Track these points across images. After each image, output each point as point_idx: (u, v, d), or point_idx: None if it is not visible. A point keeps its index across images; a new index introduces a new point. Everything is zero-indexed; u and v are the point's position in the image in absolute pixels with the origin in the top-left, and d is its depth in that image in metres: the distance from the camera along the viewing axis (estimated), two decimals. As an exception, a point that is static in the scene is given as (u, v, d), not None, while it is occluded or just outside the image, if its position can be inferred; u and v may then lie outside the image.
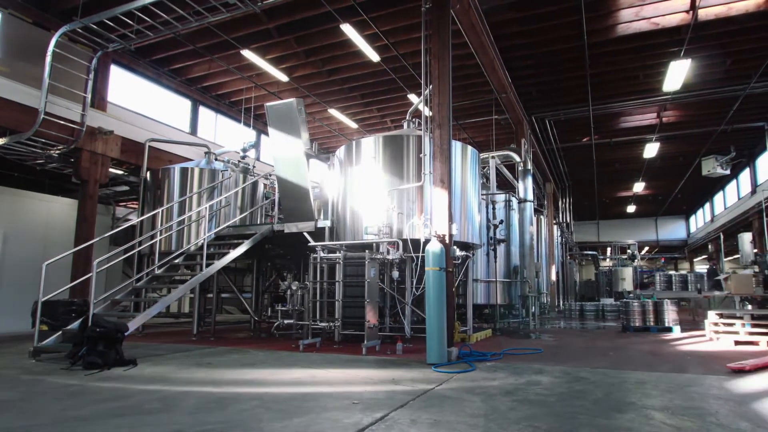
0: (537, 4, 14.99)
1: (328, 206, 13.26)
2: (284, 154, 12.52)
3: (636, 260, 37.25)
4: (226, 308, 24.94)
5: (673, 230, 47.78)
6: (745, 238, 25.14)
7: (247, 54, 17.77)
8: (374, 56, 17.47)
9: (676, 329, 15.09)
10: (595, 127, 23.77)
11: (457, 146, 12.55)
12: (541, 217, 23.95)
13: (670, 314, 15.52)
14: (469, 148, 13.29)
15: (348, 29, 15.69)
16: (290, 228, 13.03)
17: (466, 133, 25.15)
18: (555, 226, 28.58)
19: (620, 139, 25.66)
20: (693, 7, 14.72)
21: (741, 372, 7.93)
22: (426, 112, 10.96)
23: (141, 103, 19.49)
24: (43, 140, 13.39)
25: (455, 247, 10.53)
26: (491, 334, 14.40)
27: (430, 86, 10.73)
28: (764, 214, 24.50)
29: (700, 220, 43.66)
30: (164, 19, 12.55)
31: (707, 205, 40.55)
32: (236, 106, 23.32)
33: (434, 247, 9.09)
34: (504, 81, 17.35)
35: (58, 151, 13.99)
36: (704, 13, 15.01)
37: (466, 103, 21.42)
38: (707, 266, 21.67)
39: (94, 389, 6.54)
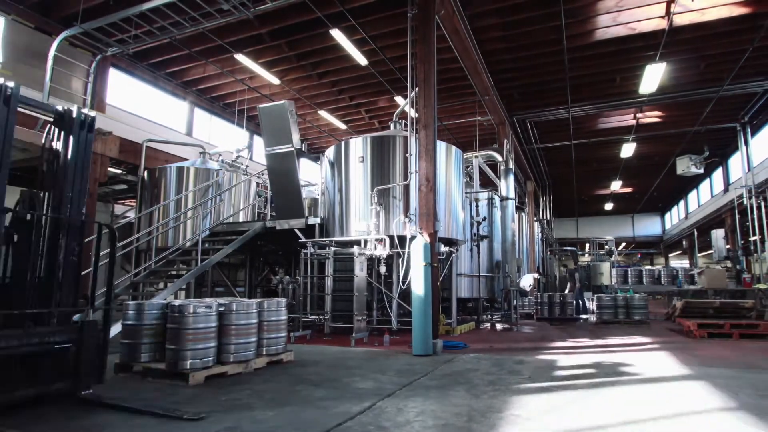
0: (518, 10, 15.03)
1: (318, 204, 13.30)
2: (276, 154, 12.54)
3: (613, 256, 37.41)
4: (221, 302, 24.87)
5: (648, 227, 48.12)
6: (718, 235, 25.34)
7: (241, 58, 17.75)
8: (362, 60, 17.49)
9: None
10: (574, 128, 23.91)
11: (441, 146, 12.63)
12: (523, 214, 24.06)
13: (643, 308, 15.70)
14: (454, 148, 13.36)
15: (337, 34, 15.70)
16: (282, 225, 13.07)
17: (451, 134, 25.21)
18: (536, 223, 28.70)
19: (598, 139, 25.79)
20: (668, 13, 14.80)
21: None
22: (412, 113, 11.02)
23: (139, 105, 19.45)
24: (44, 141, 13.34)
25: (440, 243, 10.61)
26: (475, 326, 14.50)
27: (416, 89, 10.80)
28: (736, 212, 24.73)
29: (674, 217, 43.97)
30: (161, 24, 12.57)
31: (682, 203, 40.87)
32: (230, 108, 23.28)
33: (420, 243, 9.16)
34: (487, 83, 17.40)
35: (58, 151, 13.94)
36: (679, 19, 15.12)
37: (451, 105, 21.48)
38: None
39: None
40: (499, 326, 14.94)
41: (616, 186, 35.53)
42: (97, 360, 5.58)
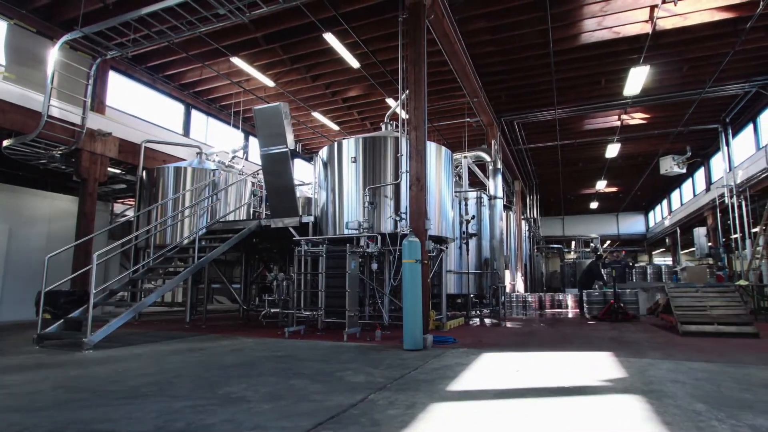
0: (506, 14, 15.09)
1: (312, 203, 13.31)
2: (271, 154, 12.55)
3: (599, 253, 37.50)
4: (217, 298, 24.85)
5: (633, 225, 48.29)
6: (700, 233, 25.47)
7: (237, 61, 17.74)
8: (355, 63, 17.51)
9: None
10: (561, 129, 24.01)
11: (431, 147, 12.65)
12: (510, 212, 24.12)
13: (633, 304, 15.74)
14: (443, 148, 13.39)
15: (330, 38, 15.72)
16: (276, 223, 13.07)
17: (441, 135, 25.26)
18: (523, 221, 28.74)
19: (584, 140, 25.90)
20: (652, 17, 14.90)
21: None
22: (403, 115, 11.05)
23: (137, 106, 19.40)
24: (46, 141, 13.37)
25: (430, 240, 10.64)
26: (464, 322, 14.54)
27: (407, 91, 10.83)
28: (718, 210, 24.88)
29: (658, 216, 44.14)
30: (159, 28, 12.57)
31: (665, 202, 41.03)
32: (226, 109, 23.26)
33: (410, 241, 9.17)
34: (475, 86, 17.45)
35: (59, 152, 13.94)
36: (662, 23, 15.21)
37: (441, 106, 21.51)
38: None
39: (93, 374, 6.54)
40: (487, 321, 15.00)
41: (601, 185, 35.65)
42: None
